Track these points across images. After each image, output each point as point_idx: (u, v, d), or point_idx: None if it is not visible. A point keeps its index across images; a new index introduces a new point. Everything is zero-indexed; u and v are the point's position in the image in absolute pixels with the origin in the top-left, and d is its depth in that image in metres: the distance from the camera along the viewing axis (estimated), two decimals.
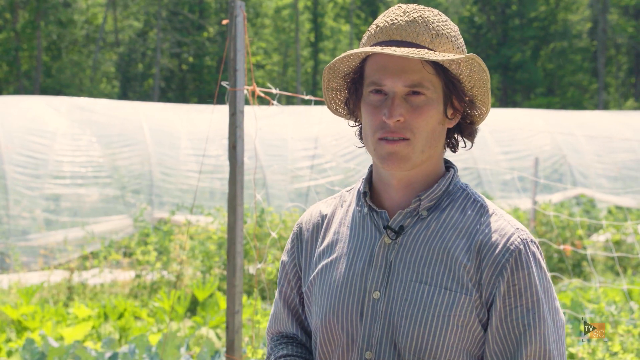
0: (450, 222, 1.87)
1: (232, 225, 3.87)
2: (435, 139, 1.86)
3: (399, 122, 1.82)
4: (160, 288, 10.03)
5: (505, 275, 1.81)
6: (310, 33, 44.66)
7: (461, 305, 1.81)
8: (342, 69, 1.94)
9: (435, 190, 1.89)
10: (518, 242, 1.83)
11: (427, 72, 1.82)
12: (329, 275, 1.95)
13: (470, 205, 1.90)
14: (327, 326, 1.92)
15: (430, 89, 1.83)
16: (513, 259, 1.81)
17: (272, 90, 4.08)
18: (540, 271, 1.84)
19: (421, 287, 1.83)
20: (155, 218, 13.59)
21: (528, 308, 1.81)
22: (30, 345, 6.41)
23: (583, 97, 43.20)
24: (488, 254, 1.82)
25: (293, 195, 14.79)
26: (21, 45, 35.84)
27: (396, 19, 1.85)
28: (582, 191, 16.30)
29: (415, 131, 1.82)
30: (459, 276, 1.82)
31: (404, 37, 1.84)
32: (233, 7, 3.84)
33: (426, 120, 1.83)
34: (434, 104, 1.84)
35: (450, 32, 1.88)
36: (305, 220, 2.08)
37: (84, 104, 15.00)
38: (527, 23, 42.74)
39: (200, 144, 14.79)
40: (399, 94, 1.83)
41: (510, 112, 21.36)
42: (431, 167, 1.90)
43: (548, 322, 1.82)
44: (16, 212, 12.81)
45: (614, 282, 10.59)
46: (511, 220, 1.88)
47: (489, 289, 1.81)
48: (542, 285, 1.84)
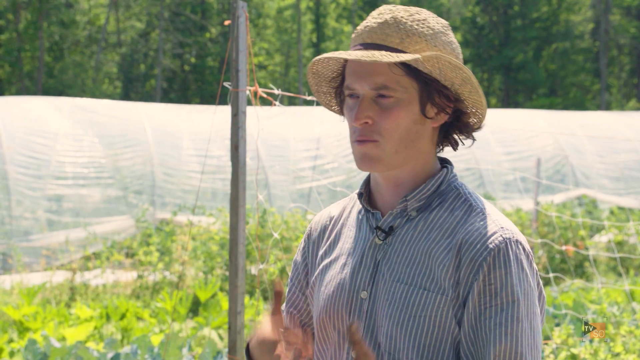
0: (437, 223, 1.86)
1: (234, 226, 3.87)
2: (411, 140, 1.85)
3: (367, 124, 1.83)
4: (162, 289, 10.04)
5: (481, 274, 1.76)
6: (312, 34, 44.67)
7: (437, 305, 1.78)
8: (326, 74, 1.96)
9: (423, 190, 1.88)
10: (499, 240, 1.79)
11: (394, 73, 1.81)
12: (326, 274, 1.98)
13: (460, 205, 1.88)
14: (321, 324, 1.95)
15: (399, 90, 1.82)
16: (491, 257, 1.77)
17: (274, 90, 4.08)
18: (521, 272, 1.78)
19: (401, 287, 1.83)
20: (158, 219, 13.60)
21: (502, 308, 1.75)
22: (33, 345, 6.41)
23: (585, 97, 43.17)
24: (467, 253, 1.79)
25: (295, 195, 14.79)
26: (23, 45, 35.88)
27: (369, 22, 1.87)
28: (584, 192, 16.29)
29: (383, 133, 1.82)
30: (437, 276, 1.80)
31: (374, 40, 1.84)
32: (235, 7, 3.84)
33: (396, 122, 1.82)
34: (404, 105, 1.83)
35: (425, 30, 1.85)
36: (315, 221, 2.11)
37: (86, 104, 15.01)
38: (529, 24, 42.72)
39: (203, 145, 14.79)
40: (367, 96, 1.83)
41: (513, 112, 21.36)
42: (419, 167, 1.89)
43: (524, 324, 1.76)
44: (18, 213, 12.82)
45: (616, 282, 10.58)
46: (498, 219, 1.84)
47: (466, 288, 1.78)
48: (522, 287, 1.77)
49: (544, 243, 11.37)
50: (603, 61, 42.34)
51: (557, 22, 43.45)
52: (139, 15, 41.93)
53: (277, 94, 4.13)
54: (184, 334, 8.02)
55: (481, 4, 44.49)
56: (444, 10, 46.21)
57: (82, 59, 37.69)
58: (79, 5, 37.95)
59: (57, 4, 35.68)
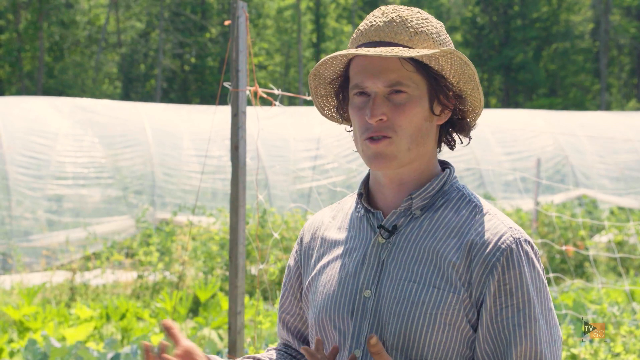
0: (443, 222, 1.87)
1: (234, 226, 3.87)
2: (422, 137, 1.87)
3: (382, 121, 1.84)
4: (162, 289, 10.04)
5: (495, 274, 1.79)
6: (312, 34, 44.65)
7: (449, 304, 1.80)
8: (327, 75, 1.97)
9: (428, 189, 1.90)
10: (510, 240, 1.82)
11: (406, 70, 1.83)
12: (325, 275, 1.97)
13: (465, 205, 1.90)
14: (320, 324, 1.94)
15: (411, 87, 1.84)
16: (504, 257, 1.80)
17: (274, 91, 4.08)
18: (533, 271, 1.82)
19: (410, 286, 1.84)
20: (158, 219, 13.60)
21: (519, 308, 1.79)
22: (33, 345, 6.41)
23: (585, 98, 43.16)
24: (479, 253, 1.81)
25: (295, 195, 14.80)
26: (24, 46, 35.88)
27: (375, 21, 1.88)
28: (585, 192, 16.29)
29: (397, 129, 1.84)
30: (447, 275, 1.81)
31: (382, 38, 1.86)
32: (235, 7, 3.84)
33: (409, 118, 1.84)
34: (417, 101, 1.85)
35: (430, 29, 1.88)
36: (309, 223, 2.12)
37: (86, 104, 15.02)
38: (529, 24, 42.71)
39: (203, 145, 14.79)
40: (380, 93, 1.84)
41: (513, 112, 21.37)
42: (423, 166, 1.91)
43: (540, 323, 1.80)
44: (18, 213, 12.82)
45: (616, 282, 10.58)
46: (505, 220, 1.87)
47: (479, 289, 1.80)
48: (535, 285, 1.82)
49: (544, 243, 11.37)
50: (603, 61, 42.33)
51: (557, 22, 43.44)
52: (139, 15, 41.92)
53: (277, 94, 4.13)
54: (183, 334, 8.01)
55: (481, 4, 44.48)
56: (444, 10, 46.22)
57: (82, 59, 37.70)
58: (79, 6, 37.94)
59: (57, 4, 35.68)
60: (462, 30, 45.07)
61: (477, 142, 16.92)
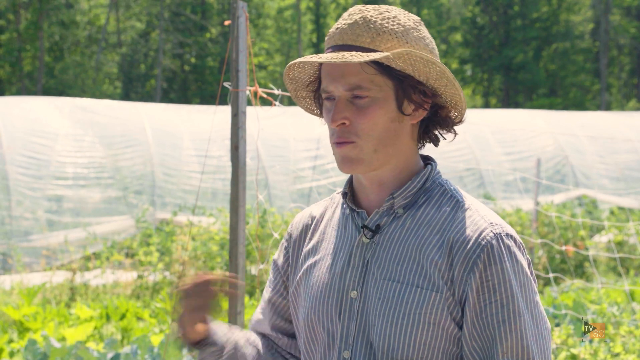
0: (425, 219, 1.87)
1: (234, 226, 3.87)
2: (390, 138, 1.85)
3: (344, 125, 1.84)
4: (162, 289, 10.04)
5: (477, 272, 1.78)
6: (312, 34, 44.68)
7: (432, 303, 1.79)
8: (303, 79, 1.97)
9: (409, 187, 1.89)
10: (490, 236, 1.80)
11: (367, 73, 1.82)
12: (312, 275, 1.97)
13: (447, 201, 1.89)
14: (309, 325, 1.94)
15: (373, 89, 1.83)
16: (485, 254, 1.79)
17: (274, 91, 4.08)
18: (515, 265, 1.81)
19: (393, 286, 1.83)
20: (158, 219, 13.60)
21: (502, 304, 1.78)
22: (33, 346, 6.42)
23: (585, 98, 43.17)
24: (460, 251, 1.80)
25: (295, 195, 14.80)
26: (24, 46, 35.88)
27: (340, 24, 1.88)
28: (585, 192, 16.30)
29: (360, 133, 1.83)
30: (430, 273, 1.81)
31: (345, 41, 1.85)
32: (235, 7, 3.84)
33: (373, 121, 1.83)
34: (380, 103, 1.83)
35: (395, 28, 1.85)
36: (296, 221, 2.11)
37: (86, 104, 15.02)
38: (529, 24, 42.71)
39: (203, 145, 14.80)
40: (343, 97, 1.84)
41: (513, 113, 21.38)
42: (402, 165, 1.90)
43: (525, 317, 1.79)
44: (18, 213, 12.83)
45: (616, 283, 10.58)
46: (486, 215, 1.86)
47: (461, 287, 1.79)
48: (518, 280, 1.80)
49: (544, 243, 11.37)
50: (603, 61, 42.34)
51: (557, 22, 43.45)
52: (139, 15, 41.93)
53: (277, 94, 4.13)
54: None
55: (481, 4, 44.48)
56: (444, 10, 46.25)
57: (82, 59, 37.69)
58: (79, 6, 37.94)
59: (57, 4, 35.68)
60: (462, 30, 45.08)
61: (477, 142, 16.95)
